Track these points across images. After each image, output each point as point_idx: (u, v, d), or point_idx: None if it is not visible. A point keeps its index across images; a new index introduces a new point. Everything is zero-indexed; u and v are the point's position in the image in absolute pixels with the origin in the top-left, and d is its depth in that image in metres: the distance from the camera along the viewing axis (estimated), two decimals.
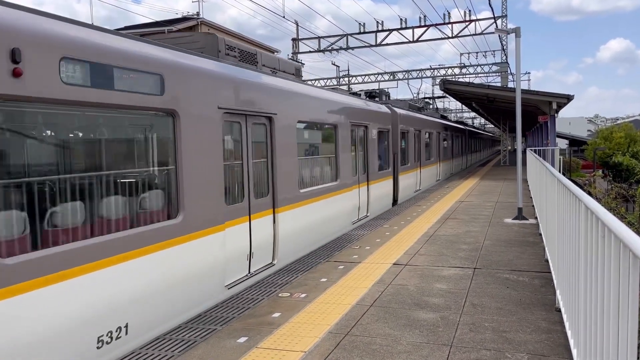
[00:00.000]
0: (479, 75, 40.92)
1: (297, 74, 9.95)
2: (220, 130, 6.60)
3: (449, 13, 28.31)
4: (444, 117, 24.73)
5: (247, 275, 7.22)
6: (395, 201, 15.75)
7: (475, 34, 28.22)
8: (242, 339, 5.04)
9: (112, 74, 4.87)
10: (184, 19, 34.94)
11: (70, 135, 5.06)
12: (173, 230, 5.68)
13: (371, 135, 13.23)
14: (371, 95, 17.36)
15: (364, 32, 29.70)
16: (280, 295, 6.46)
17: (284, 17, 25.19)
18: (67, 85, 4.38)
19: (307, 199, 9.21)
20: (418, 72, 40.85)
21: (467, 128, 35.93)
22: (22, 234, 4.20)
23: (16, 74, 3.92)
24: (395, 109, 16.11)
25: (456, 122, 34.40)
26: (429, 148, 21.09)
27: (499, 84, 37.28)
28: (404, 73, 40.90)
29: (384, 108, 15.09)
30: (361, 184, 12.36)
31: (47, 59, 4.19)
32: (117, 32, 5.29)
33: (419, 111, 22.34)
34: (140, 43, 5.49)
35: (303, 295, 6.42)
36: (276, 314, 5.74)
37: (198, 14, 35.37)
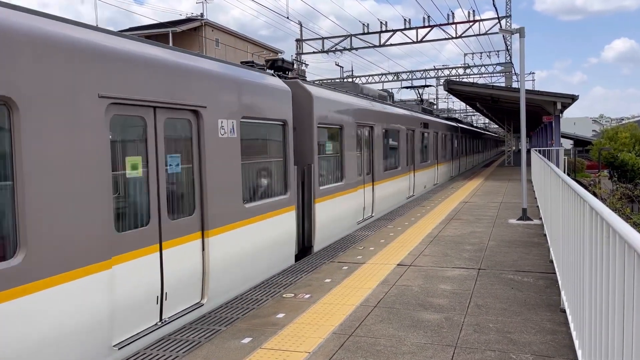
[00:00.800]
0: (483, 75, 40.85)
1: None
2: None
3: (452, 13, 28.33)
4: (427, 112, 22.88)
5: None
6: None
7: (479, 34, 28.17)
8: (247, 340, 5.05)
9: None
10: (188, 20, 35.03)
11: None
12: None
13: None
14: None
15: (368, 33, 29.70)
16: (284, 295, 6.46)
17: (287, 17, 25.22)
18: None
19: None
20: (422, 72, 40.82)
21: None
22: None
23: None
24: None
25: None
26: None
27: (503, 84, 37.20)
28: (408, 73, 40.88)
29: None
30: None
31: None
32: None
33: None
34: None
35: (307, 295, 6.43)
36: (280, 315, 5.74)
37: (202, 15, 35.46)
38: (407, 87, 25.22)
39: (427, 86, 28.13)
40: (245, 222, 7.10)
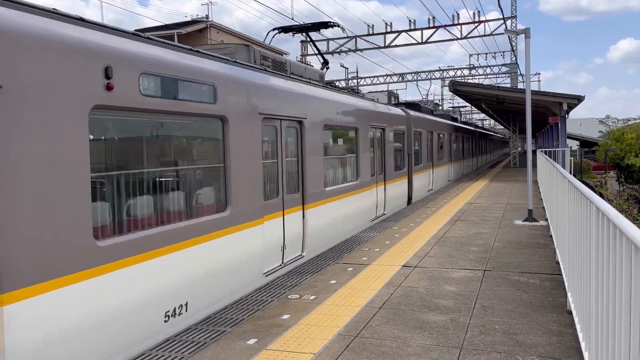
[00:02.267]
0: (489, 76, 40.79)
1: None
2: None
3: (457, 14, 28.25)
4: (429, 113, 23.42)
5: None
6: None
7: (485, 35, 28.12)
8: (252, 341, 5.05)
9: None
10: (194, 21, 35.15)
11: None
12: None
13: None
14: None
15: (373, 34, 29.71)
16: (289, 297, 6.47)
17: (292, 19, 25.24)
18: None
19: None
20: (427, 73, 40.79)
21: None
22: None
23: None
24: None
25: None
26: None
27: (508, 85, 37.11)
28: (413, 74, 40.85)
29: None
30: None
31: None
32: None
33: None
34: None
35: (312, 297, 6.43)
36: (286, 316, 5.75)
37: (207, 16, 35.57)
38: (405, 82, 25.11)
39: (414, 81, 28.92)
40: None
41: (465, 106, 57.42)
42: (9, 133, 3.83)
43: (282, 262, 7.92)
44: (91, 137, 4.59)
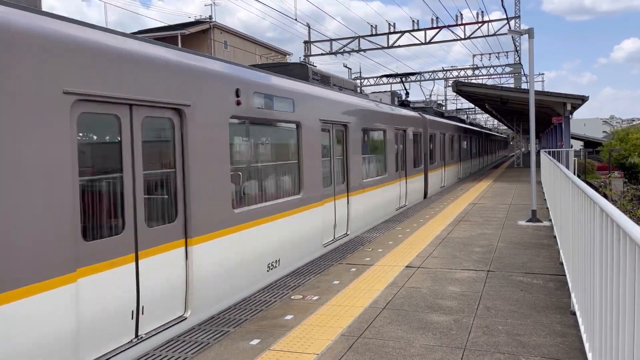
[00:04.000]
0: (492, 76, 40.70)
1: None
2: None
3: (461, 14, 28.20)
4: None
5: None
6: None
7: (488, 35, 28.06)
8: (255, 341, 5.06)
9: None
10: (197, 22, 35.19)
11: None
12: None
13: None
14: (403, 102, 20.65)
15: (376, 34, 29.68)
16: (292, 297, 6.47)
17: (296, 19, 25.26)
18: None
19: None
20: (430, 73, 40.74)
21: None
22: None
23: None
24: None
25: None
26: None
27: (512, 86, 37.04)
28: (416, 75, 40.78)
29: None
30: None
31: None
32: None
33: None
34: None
35: (315, 297, 6.43)
36: (289, 316, 5.75)
37: (211, 17, 35.60)
38: (387, 76, 24.83)
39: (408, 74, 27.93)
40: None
41: (471, 108, 57.37)
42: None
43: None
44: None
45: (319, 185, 9.13)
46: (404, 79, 22.94)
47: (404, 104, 19.84)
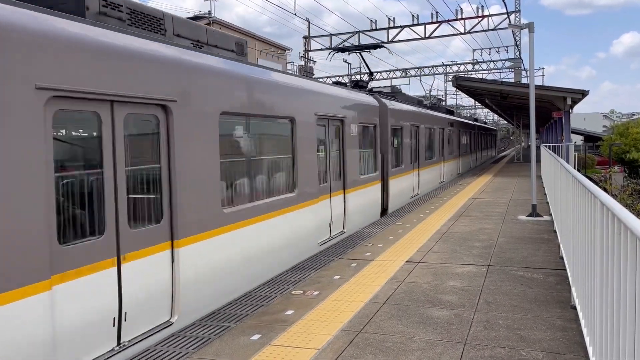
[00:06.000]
0: (492, 71, 40.65)
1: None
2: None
3: (461, 9, 28.10)
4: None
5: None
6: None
7: (488, 30, 28.00)
8: (256, 336, 5.07)
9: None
10: (197, 18, 35.07)
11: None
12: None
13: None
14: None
15: (376, 29, 29.62)
16: (293, 292, 6.48)
17: (295, 14, 25.20)
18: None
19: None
20: (430, 68, 40.67)
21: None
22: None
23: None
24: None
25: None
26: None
27: (512, 80, 36.97)
28: (416, 70, 40.74)
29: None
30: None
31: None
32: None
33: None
34: None
35: (316, 292, 6.44)
36: (289, 312, 5.75)
37: (210, 12, 35.52)
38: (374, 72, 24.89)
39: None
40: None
41: (475, 107, 57.21)
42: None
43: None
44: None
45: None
46: (361, 52, 15.71)
47: (360, 86, 14.35)
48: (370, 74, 14.56)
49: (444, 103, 43.66)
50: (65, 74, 4.27)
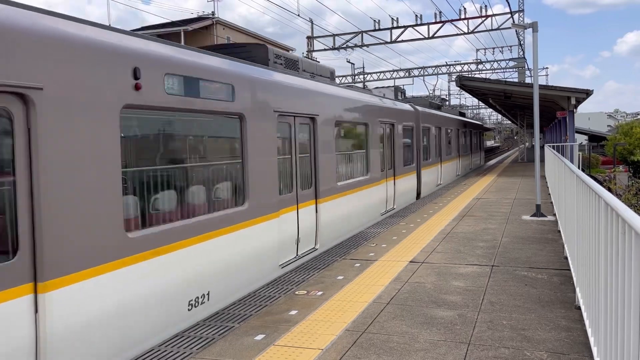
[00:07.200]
0: (496, 71, 40.58)
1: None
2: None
3: (464, 8, 28.08)
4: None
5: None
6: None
7: (492, 29, 27.95)
8: (260, 336, 5.07)
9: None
10: (200, 18, 35.15)
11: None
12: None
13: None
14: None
15: (379, 29, 29.60)
16: (297, 292, 6.48)
17: (298, 15, 25.21)
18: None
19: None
20: (434, 68, 40.63)
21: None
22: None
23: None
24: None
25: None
26: None
27: (516, 80, 36.90)
28: (420, 70, 40.70)
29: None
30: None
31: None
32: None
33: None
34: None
35: (320, 292, 6.44)
36: (293, 312, 5.76)
37: (213, 13, 35.56)
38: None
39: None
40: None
41: (479, 107, 57.08)
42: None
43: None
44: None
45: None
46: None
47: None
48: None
49: (447, 103, 43.61)
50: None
